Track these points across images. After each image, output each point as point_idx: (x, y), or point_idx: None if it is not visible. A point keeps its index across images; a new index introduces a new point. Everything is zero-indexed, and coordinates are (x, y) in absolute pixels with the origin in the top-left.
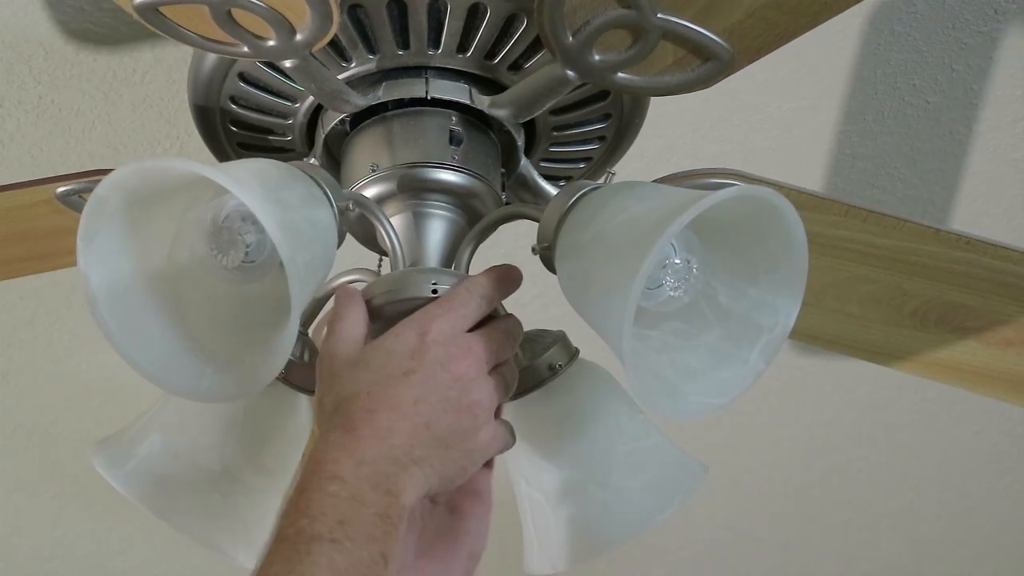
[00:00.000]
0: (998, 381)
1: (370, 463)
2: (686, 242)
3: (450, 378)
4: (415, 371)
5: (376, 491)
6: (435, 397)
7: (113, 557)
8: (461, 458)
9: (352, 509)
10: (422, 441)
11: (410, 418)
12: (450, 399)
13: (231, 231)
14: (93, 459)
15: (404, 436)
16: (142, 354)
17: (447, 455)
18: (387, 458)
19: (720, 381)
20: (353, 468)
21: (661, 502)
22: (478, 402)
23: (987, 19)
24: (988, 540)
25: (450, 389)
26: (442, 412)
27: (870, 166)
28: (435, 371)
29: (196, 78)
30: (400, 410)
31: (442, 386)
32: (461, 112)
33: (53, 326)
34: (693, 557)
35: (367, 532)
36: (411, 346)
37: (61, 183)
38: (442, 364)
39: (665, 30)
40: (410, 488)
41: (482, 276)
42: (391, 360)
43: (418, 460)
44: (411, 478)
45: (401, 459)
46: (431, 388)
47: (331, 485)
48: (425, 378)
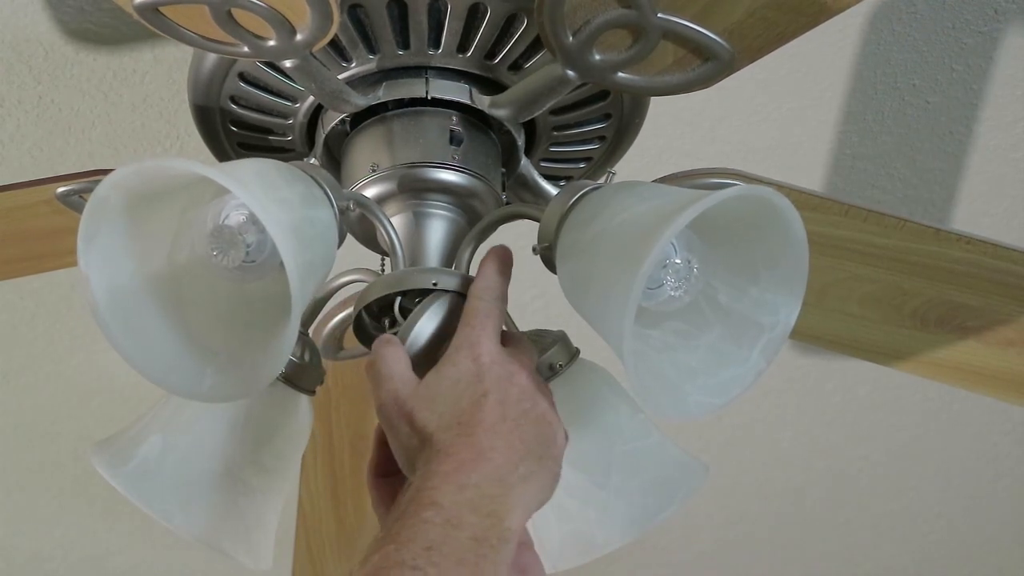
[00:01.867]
0: (998, 381)
1: (474, 486)
2: (687, 242)
3: (518, 392)
4: (489, 392)
5: (476, 514)
6: (515, 413)
7: (113, 557)
8: (554, 466)
9: (443, 534)
10: (521, 457)
11: (504, 436)
12: (527, 412)
13: (231, 231)
14: (93, 459)
15: (504, 454)
16: (143, 354)
17: (544, 467)
18: (492, 479)
19: (721, 380)
20: (454, 493)
21: (662, 501)
22: (547, 408)
23: (987, 19)
24: (988, 540)
25: (523, 402)
26: (526, 426)
27: (870, 166)
28: (505, 388)
29: (196, 78)
30: (494, 430)
31: (516, 401)
32: (461, 112)
33: (53, 326)
34: (693, 557)
35: (457, 556)
36: (473, 371)
37: (61, 183)
38: (507, 379)
39: (665, 30)
40: (518, 508)
41: (487, 275)
42: (463, 387)
43: (524, 477)
44: (518, 497)
45: (507, 478)
46: (509, 405)
47: (426, 511)
48: (501, 397)
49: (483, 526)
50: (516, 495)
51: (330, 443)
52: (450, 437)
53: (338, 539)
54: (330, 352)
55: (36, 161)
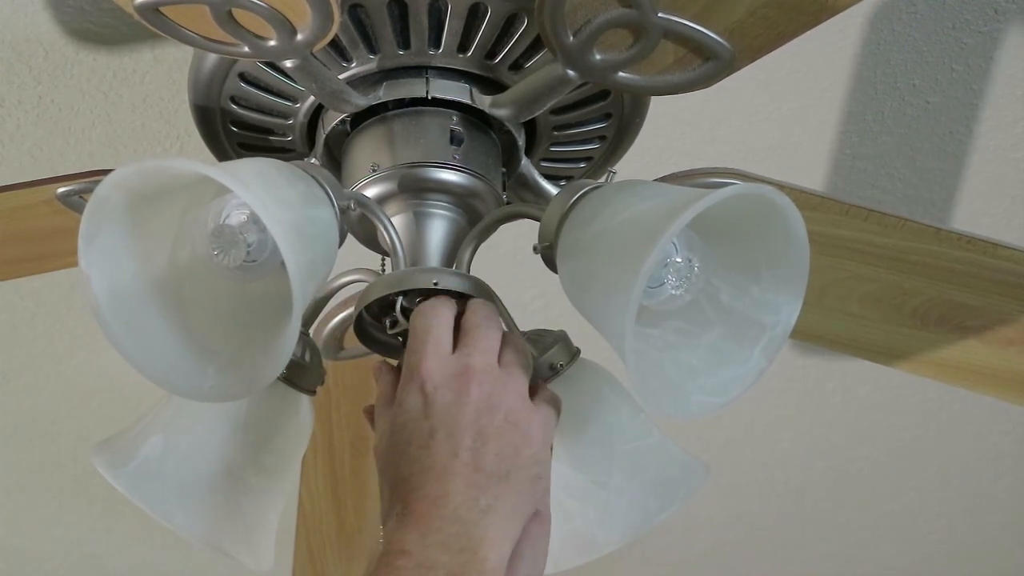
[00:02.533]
0: (999, 380)
1: (436, 530)
2: (687, 240)
3: (470, 410)
4: (436, 428)
5: (447, 553)
6: (468, 440)
7: (113, 557)
8: (525, 475)
9: (422, 574)
10: (482, 487)
11: (459, 473)
12: (483, 428)
13: (232, 231)
14: (94, 459)
15: (461, 493)
16: (144, 354)
17: (511, 484)
18: (452, 520)
19: (722, 380)
20: (419, 540)
21: (663, 502)
22: (509, 409)
23: (987, 19)
24: (988, 540)
25: (478, 419)
26: (483, 447)
27: (870, 166)
28: (451, 414)
29: (196, 78)
30: (446, 471)
31: (469, 423)
32: (462, 112)
33: (53, 326)
34: (693, 557)
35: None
36: (418, 405)
37: (62, 183)
38: (454, 403)
39: (666, 29)
40: (489, 537)
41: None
42: (411, 430)
43: (487, 508)
44: (486, 528)
45: (466, 516)
46: (458, 434)
47: (398, 560)
48: (447, 428)
49: (458, 563)
50: (484, 526)
51: (330, 443)
52: (406, 491)
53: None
54: (331, 352)
55: (36, 161)
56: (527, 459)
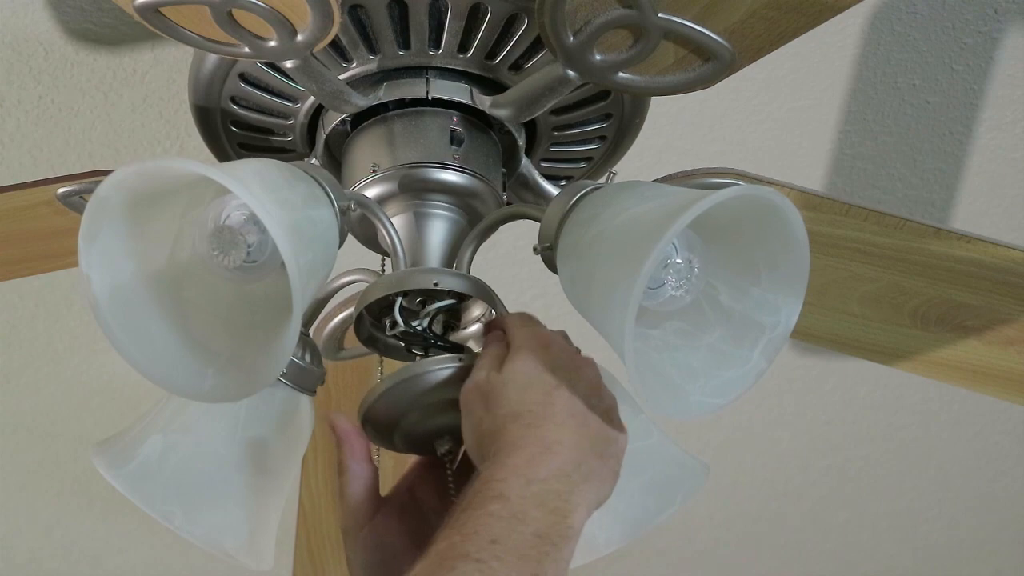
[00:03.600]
0: (999, 380)
1: (541, 480)
2: (687, 242)
3: (586, 386)
4: (560, 384)
5: (541, 509)
6: (582, 407)
7: (113, 557)
8: (615, 465)
9: (508, 528)
10: (585, 453)
11: (572, 429)
12: (594, 407)
13: (232, 231)
14: (94, 459)
15: (571, 450)
16: (144, 354)
17: (605, 465)
18: (558, 474)
19: (722, 381)
20: (521, 487)
21: (663, 502)
22: (611, 405)
23: (987, 19)
24: (988, 540)
25: (590, 396)
26: (592, 421)
27: (870, 166)
28: (574, 380)
29: (197, 78)
30: (562, 423)
31: (584, 395)
32: (462, 112)
33: (53, 326)
34: (693, 557)
35: (520, 552)
36: (545, 361)
37: (62, 184)
38: (576, 372)
39: (666, 30)
40: (581, 506)
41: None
42: (535, 377)
43: (587, 475)
44: (581, 495)
45: (572, 475)
46: (577, 398)
47: (493, 504)
48: (571, 388)
49: (547, 522)
50: (580, 493)
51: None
52: (519, 428)
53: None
54: (331, 352)
55: (36, 161)
56: (618, 452)
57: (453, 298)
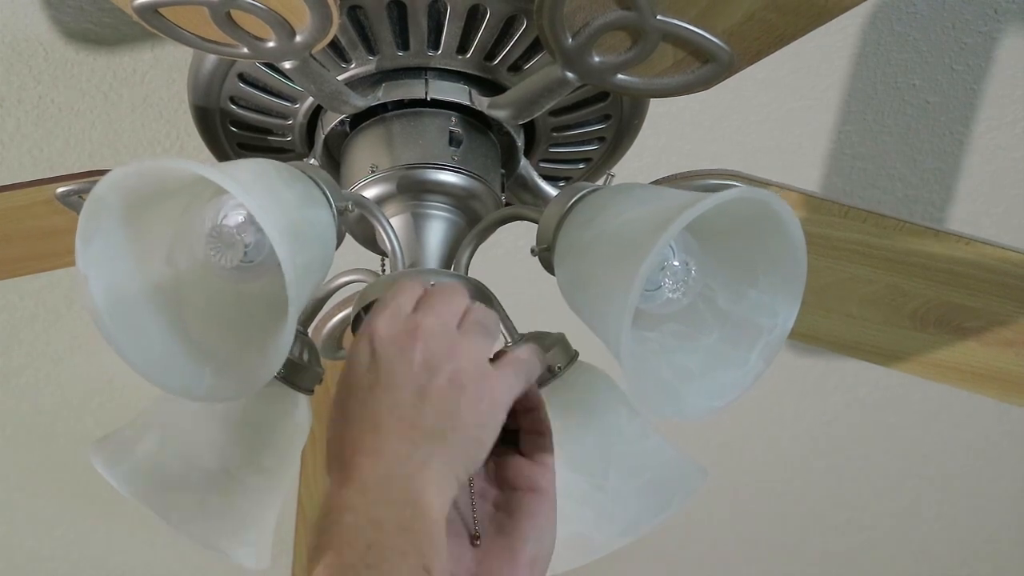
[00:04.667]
0: (998, 382)
1: (373, 486)
2: (684, 244)
3: (412, 368)
4: (376, 382)
5: (391, 507)
6: (406, 395)
7: (113, 557)
8: (473, 430)
9: (375, 531)
10: (415, 442)
11: (393, 430)
12: (423, 388)
13: (230, 231)
14: (92, 457)
15: (395, 447)
16: (140, 354)
17: (454, 438)
18: (388, 476)
19: (719, 383)
20: (359, 495)
21: (660, 503)
22: (456, 370)
23: (987, 19)
24: (988, 540)
25: (418, 378)
26: (421, 404)
27: (870, 166)
28: (394, 370)
29: (196, 79)
30: (380, 426)
31: (408, 380)
32: (461, 113)
33: (53, 326)
34: (693, 557)
35: (397, 548)
36: (365, 358)
37: (61, 183)
38: (398, 358)
39: (665, 32)
40: (430, 490)
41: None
42: (353, 382)
43: (423, 462)
44: (425, 481)
45: (401, 471)
46: (398, 388)
47: (346, 516)
48: (388, 382)
49: (405, 516)
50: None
51: None
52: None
53: None
54: (329, 352)
55: (36, 161)
56: (469, 422)
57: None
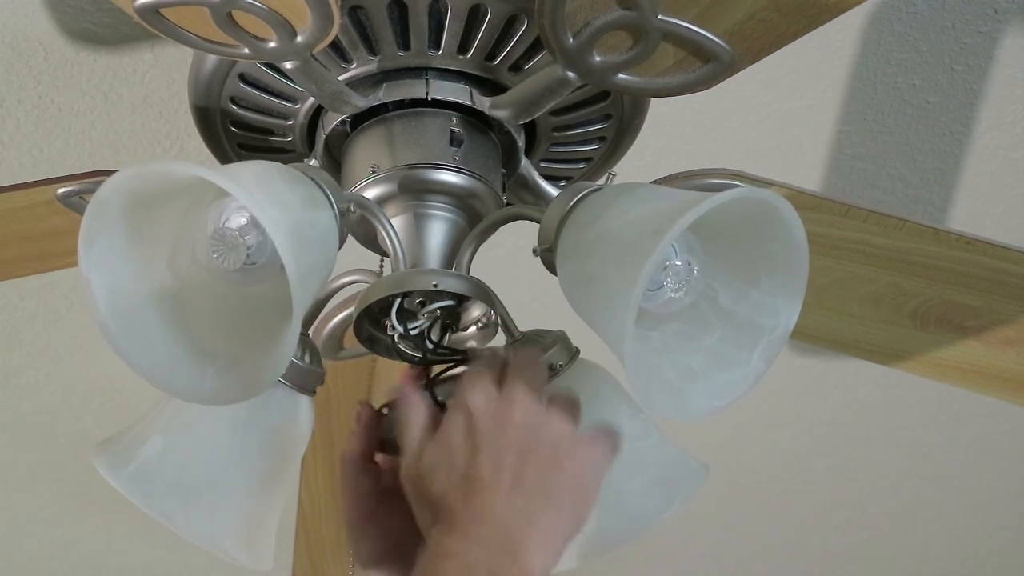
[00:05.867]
0: (998, 380)
1: (480, 536)
2: (687, 244)
3: (514, 436)
4: (480, 447)
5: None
6: (511, 459)
7: (113, 557)
8: (577, 491)
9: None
10: (524, 499)
11: (501, 488)
12: (524, 451)
13: (232, 234)
14: (94, 460)
15: (504, 504)
16: (144, 357)
17: (554, 501)
18: (495, 525)
19: (721, 382)
20: (460, 542)
21: (662, 501)
22: (553, 437)
23: (987, 19)
24: (988, 540)
25: (518, 441)
26: (525, 465)
27: (870, 166)
28: (495, 436)
29: (196, 79)
30: (490, 486)
31: (510, 445)
32: (462, 113)
33: (53, 326)
34: (693, 557)
35: None
36: (464, 427)
37: (62, 184)
38: (500, 429)
39: (666, 32)
40: (532, 545)
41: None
42: (456, 447)
43: (530, 520)
44: (529, 536)
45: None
46: (503, 452)
47: (444, 563)
48: (493, 448)
49: (498, 563)
50: (526, 534)
51: (330, 443)
52: (449, 502)
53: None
54: (330, 352)
55: (36, 161)
56: (572, 483)
57: (452, 299)
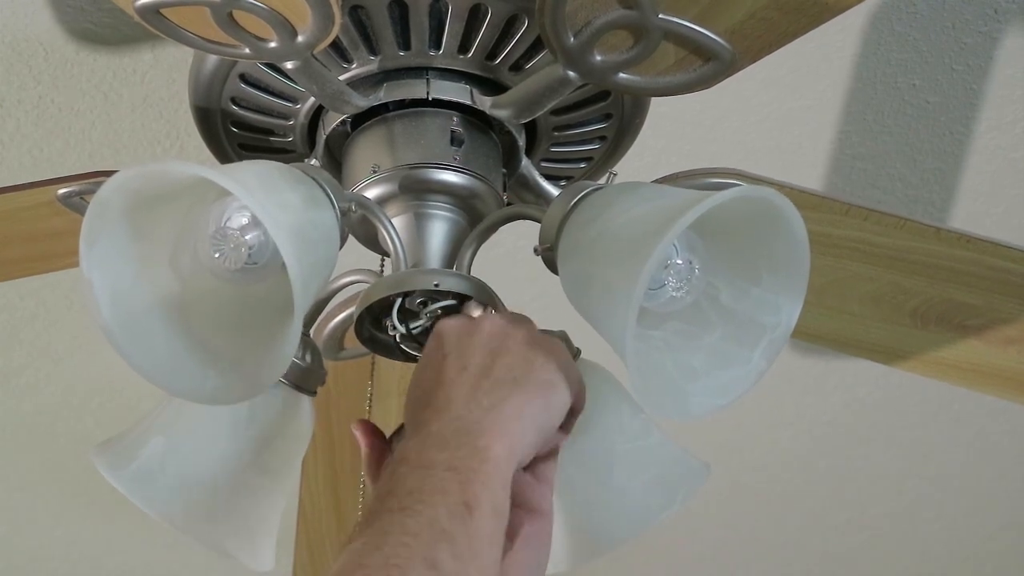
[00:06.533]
0: (999, 379)
1: (435, 433)
2: (688, 242)
3: (482, 339)
4: (448, 354)
5: (445, 449)
6: (478, 359)
7: (113, 557)
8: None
9: (419, 476)
10: (486, 390)
11: (465, 382)
12: (494, 351)
13: (233, 233)
14: (95, 460)
15: (463, 396)
16: (145, 357)
17: (521, 387)
18: (450, 420)
19: (722, 381)
20: (418, 445)
21: (663, 501)
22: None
23: (987, 19)
24: (988, 540)
25: (488, 344)
26: (495, 361)
27: (870, 166)
28: (463, 343)
29: (197, 79)
30: (453, 382)
31: (479, 348)
32: (462, 113)
33: (53, 326)
34: (693, 557)
35: (438, 488)
36: (434, 345)
37: (62, 185)
38: (467, 336)
39: (666, 31)
40: (491, 430)
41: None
42: (423, 365)
43: (490, 406)
44: (491, 422)
45: (466, 415)
46: (470, 355)
47: (400, 467)
48: (459, 352)
49: (457, 456)
50: (485, 421)
51: (330, 443)
52: (415, 409)
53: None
54: (331, 352)
55: (36, 161)
56: (542, 370)
57: (454, 299)
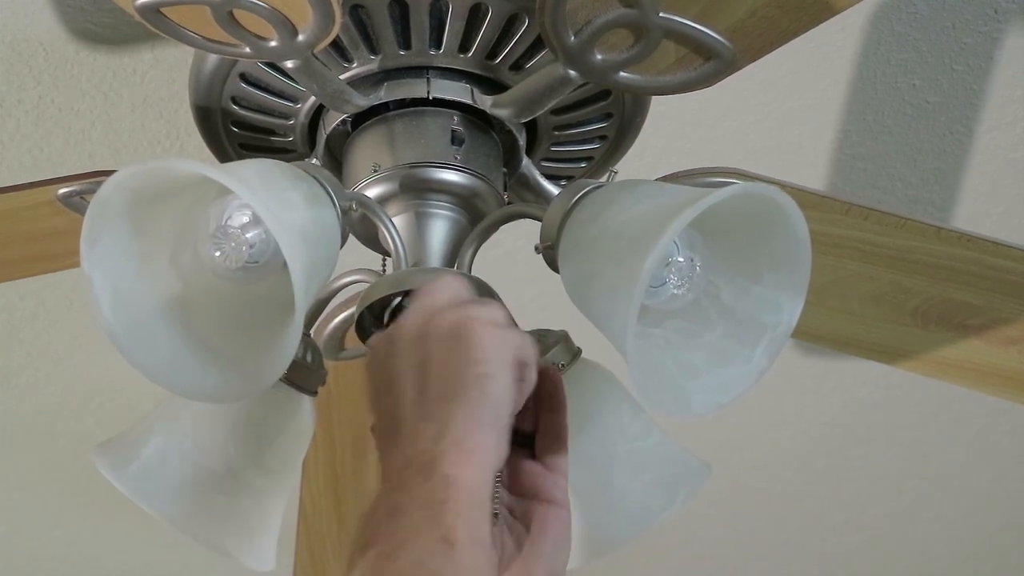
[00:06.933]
0: (999, 379)
1: (396, 474)
2: (689, 240)
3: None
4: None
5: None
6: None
7: (113, 557)
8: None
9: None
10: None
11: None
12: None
13: (234, 232)
14: (96, 460)
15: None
16: (146, 355)
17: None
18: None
19: (723, 379)
20: (387, 490)
21: (664, 501)
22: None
23: (987, 19)
24: (988, 540)
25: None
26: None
27: (870, 166)
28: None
29: (197, 79)
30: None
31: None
32: (463, 112)
33: (53, 326)
34: (693, 557)
35: (414, 527)
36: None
37: (62, 184)
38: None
39: (667, 29)
40: (447, 458)
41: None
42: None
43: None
44: (441, 452)
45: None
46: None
47: (375, 515)
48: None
49: (424, 491)
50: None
51: (331, 443)
52: (378, 447)
53: (339, 539)
54: (332, 352)
55: (36, 161)
56: (470, 366)
57: None
